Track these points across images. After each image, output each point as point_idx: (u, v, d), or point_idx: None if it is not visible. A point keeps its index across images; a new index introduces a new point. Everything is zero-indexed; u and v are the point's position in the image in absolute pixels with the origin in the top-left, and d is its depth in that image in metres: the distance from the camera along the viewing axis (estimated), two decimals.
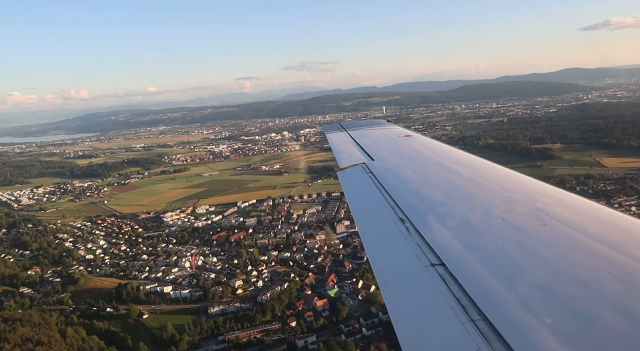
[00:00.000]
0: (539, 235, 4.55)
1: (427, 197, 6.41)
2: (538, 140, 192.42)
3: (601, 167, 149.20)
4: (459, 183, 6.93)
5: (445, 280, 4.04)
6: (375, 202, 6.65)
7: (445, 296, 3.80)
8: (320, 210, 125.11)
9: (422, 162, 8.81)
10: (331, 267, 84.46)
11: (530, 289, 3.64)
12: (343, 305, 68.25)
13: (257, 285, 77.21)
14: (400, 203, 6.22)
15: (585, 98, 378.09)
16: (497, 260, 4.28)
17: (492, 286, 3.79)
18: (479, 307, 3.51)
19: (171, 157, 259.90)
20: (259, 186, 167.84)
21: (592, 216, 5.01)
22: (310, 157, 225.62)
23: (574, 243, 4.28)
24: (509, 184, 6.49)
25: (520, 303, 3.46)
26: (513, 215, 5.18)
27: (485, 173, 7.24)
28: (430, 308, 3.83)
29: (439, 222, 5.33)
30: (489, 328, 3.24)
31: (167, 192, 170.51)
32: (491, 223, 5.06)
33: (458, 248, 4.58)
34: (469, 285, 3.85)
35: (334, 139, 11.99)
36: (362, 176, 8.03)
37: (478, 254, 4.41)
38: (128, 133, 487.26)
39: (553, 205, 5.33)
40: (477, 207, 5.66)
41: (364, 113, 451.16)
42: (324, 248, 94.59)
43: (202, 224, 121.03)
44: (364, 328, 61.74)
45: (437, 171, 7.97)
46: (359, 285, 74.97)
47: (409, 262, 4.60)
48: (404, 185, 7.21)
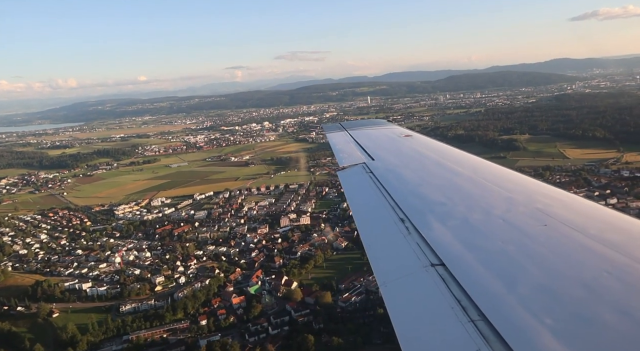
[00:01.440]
0: (539, 235, 4.55)
1: (427, 197, 6.42)
2: (507, 131, 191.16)
3: (563, 158, 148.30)
4: (459, 183, 6.92)
5: (445, 280, 4.03)
6: (375, 202, 6.63)
7: (445, 296, 3.80)
8: (273, 202, 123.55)
9: (422, 162, 8.84)
10: (262, 262, 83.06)
11: (530, 289, 3.65)
12: (259, 303, 66.75)
13: (179, 281, 75.71)
14: (400, 203, 6.20)
15: (568, 89, 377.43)
16: (497, 260, 4.28)
17: (492, 287, 3.79)
18: (479, 307, 3.51)
19: (145, 147, 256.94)
20: (222, 178, 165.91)
21: (592, 216, 5.01)
22: (282, 147, 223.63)
23: (574, 244, 4.29)
24: (509, 184, 6.51)
25: (520, 303, 3.46)
26: (513, 215, 5.18)
27: (485, 173, 7.23)
28: (430, 308, 3.85)
29: (439, 221, 5.33)
30: (488, 328, 3.25)
31: (129, 184, 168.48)
32: (491, 224, 5.07)
33: (458, 248, 4.57)
34: (469, 285, 3.84)
35: (335, 139, 11.79)
36: (362, 176, 8.04)
37: (478, 254, 4.40)
38: (112, 123, 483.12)
39: (553, 205, 5.33)
40: (477, 207, 5.63)
41: (349, 103, 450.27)
42: (261, 242, 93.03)
43: (152, 217, 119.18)
44: (271, 327, 60.28)
45: (437, 171, 7.98)
46: (282, 281, 73.56)
47: (408, 261, 4.58)
48: (404, 185, 7.24)
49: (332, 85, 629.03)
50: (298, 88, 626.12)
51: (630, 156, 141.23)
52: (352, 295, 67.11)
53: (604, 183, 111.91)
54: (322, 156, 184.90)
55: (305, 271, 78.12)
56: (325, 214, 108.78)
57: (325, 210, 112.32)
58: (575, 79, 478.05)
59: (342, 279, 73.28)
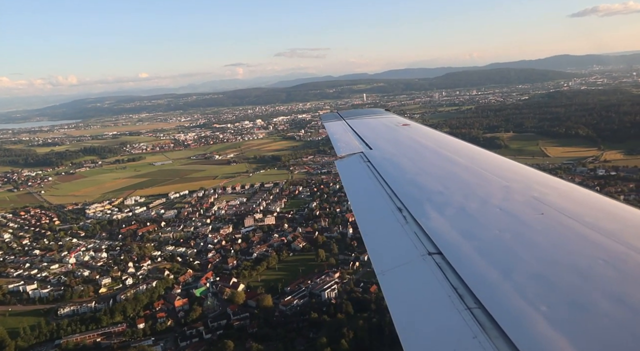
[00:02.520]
0: (536, 223, 4.57)
1: (424, 186, 6.40)
2: (493, 129, 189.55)
3: (544, 156, 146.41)
4: (457, 172, 6.88)
5: (442, 269, 4.07)
6: (372, 191, 6.61)
7: (442, 284, 3.83)
8: (245, 202, 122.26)
9: (419, 151, 8.79)
10: (217, 264, 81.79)
11: (526, 277, 3.68)
12: (200, 306, 65.49)
13: (127, 283, 74.41)
14: (397, 192, 6.20)
15: (565, 86, 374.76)
16: (493, 248, 4.30)
17: (488, 275, 3.82)
18: (476, 295, 3.54)
19: (134, 145, 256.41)
20: (201, 176, 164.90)
21: (589, 205, 5.02)
22: (268, 146, 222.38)
23: (570, 232, 4.32)
24: (506, 173, 6.49)
25: (516, 291, 3.49)
26: (510, 204, 5.19)
27: (483, 163, 7.20)
28: (427, 296, 3.86)
29: (437, 210, 5.34)
30: (485, 315, 3.29)
31: (109, 182, 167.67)
32: (488, 212, 5.06)
33: (455, 237, 4.60)
34: (465, 274, 3.87)
35: (332, 128, 11.71)
36: (360, 165, 7.99)
37: (475, 243, 4.43)
38: (109, 120, 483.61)
39: (550, 194, 5.32)
40: (475, 196, 5.64)
41: (344, 101, 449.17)
42: (221, 242, 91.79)
43: (122, 217, 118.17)
44: (205, 331, 59.02)
45: (434, 160, 7.96)
46: (230, 283, 72.27)
47: (406, 250, 4.60)
48: (402, 174, 7.20)
49: (330, 82, 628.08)
50: (295, 86, 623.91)
51: (609, 154, 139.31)
52: (295, 298, 65.73)
53: (577, 182, 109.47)
54: (305, 154, 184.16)
55: (257, 273, 76.78)
56: (291, 214, 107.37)
57: (294, 209, 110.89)
58: (573, 75, 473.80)
59: (292, 281, 71.94)
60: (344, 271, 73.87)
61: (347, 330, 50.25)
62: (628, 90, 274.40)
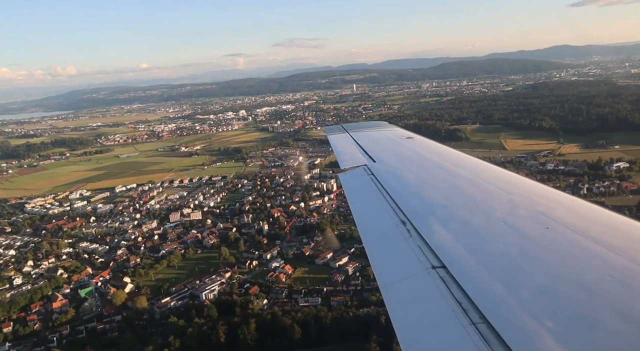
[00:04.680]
0: (541, 238, 4.55)
1: (428, 199, 6.41)
2: (461, 121, 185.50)
3: (501, 149, 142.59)
4: (461, 185, 6.86)
5: (446, 283, 4.04)
6: (376, 204, 6.60)
7: (447, 299, 3.81)
8: (185, 195, 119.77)
9: (423, 164, 8.74)
10: (122, 262, 79.30)
11: (532, 292, 3.64)
12: (75, 308, 63.02)
13: (14, 282, 72.01)
14: (401, 205, 6.21)
15: (556, 76, 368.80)
16: (498, 262, 4.29)
17: (493, 289, 3.78)
18: (480, 310, 3.52)
19: (108, 137, 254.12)
20: (157, 169, 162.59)
21: (594, 219, 4.98)
22: (239, 137, 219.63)
23: (576, 247, 4.30)
24: (510, 187, 6.47)
25: (522, 306, 3.46)
26: (515, 218, 5.16)
27: (486, 176, 7.18)
28: (431, 310, 3.85)
29: (441, 224, 5.30)
30: (490, 331, 3.27)
31: (66, 175, 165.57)
32: (492, 226, 5.05)
33: (459, 251, 4.58)
34: (470, 288, 3.84)
35: (336, 141, 11.65)
36: (364, 178, 7.97)
37: (479, 257, 4.41)
38: (99, 111, 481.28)
39: (555, 208, 5.31)
40: (479, 210, 5.61)
41: (335, 91, 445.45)
42: (137, 239, 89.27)
43: (58, 211, 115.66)
44: (66, 335, 56.47)
45: (438, 173, 7.90)
46: (121, 282, 69.78)
47: (410, 264, 4.60)
48: (406, 187, 7.23)
49: (323, 72, 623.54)
50: (289, 77, 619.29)
51: (568, 148, 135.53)
52: (173, 299, 63.12)
53: (522, 175, 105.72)
54: (268, 146, 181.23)
55: (155, 271, 74.17)
56: (221, 209, 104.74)
57: (226, 204, 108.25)
58: (568, 66, 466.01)
59: (184, 281, 69.36)
60: (238, 270, 71.21)
61: (173, 339, 47.30)
62: (614, 81, 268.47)
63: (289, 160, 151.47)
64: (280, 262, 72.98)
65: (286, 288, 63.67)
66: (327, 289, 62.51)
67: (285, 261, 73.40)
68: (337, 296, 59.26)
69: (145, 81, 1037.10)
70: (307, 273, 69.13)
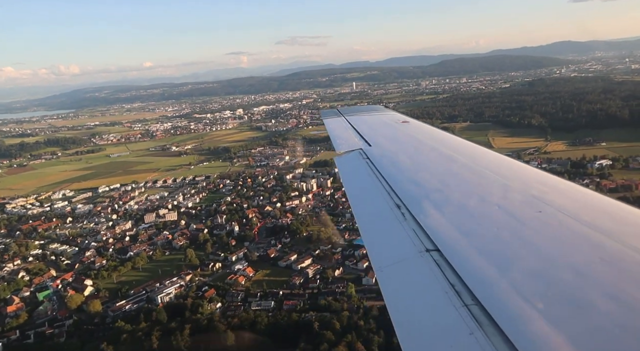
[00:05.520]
0: (534, 222, 4.59)
1: (423, 183, 6.40)
2: (452, 118, 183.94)
3: (489, 147, 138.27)
4: (456, 170, 6.86)
5: (439, 266, 4.08)
6: (371, 188, 6.59)
7: (440, 281, 3.84)
8: (165, 196, 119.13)
9: (419, 148, 8.72)
10: (89, 264, 78.43)
11: (524, 275, 3.68)
12: (29, 312, 62.19)
13: None
14: (396, 189, 6.20)
15: (556, 73, 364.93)
16: (491, 246, 4.32)
17: (486, 272, 3.82)
18: (473, 292, 3.57)
19: (103, 136, 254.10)
20: (144, 169, 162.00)
21: (587, 204, 5.06)
22: (231, 136, 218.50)
23: (568, 230, 4.34)
24: (505, 172, 6.47)
25: (514, 288, 3.51)
26: (509, 202, 5.20)
27: (482, 161, 7.18)
28: (424, 293, 3.89)
29: (435, 208, 5.33)
30: (482, 312, 3.31)
31: (53, 175, 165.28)
32: (486, 210, 5.08)
33: (453, 234, 4.62)
34: (463, 271, 3.88)
35: (331, 125, 11.51)
36: (359, 161, 7.94)
37: (473, 240, 4.45)
38: (100, 110, 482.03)
39: (549, 192, 5.32)
40: (473, 194, 5.64)
41: (334, 90, 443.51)
42: (109, 240, 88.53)
43: (37, 212, 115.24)
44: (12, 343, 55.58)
45: (433, 157, 7.91)
46: (82, 285, 69.00)
47: (404, 247, 4.63)
48: (401, 171, 7.18)
49: (323, 70, 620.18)
50: (289, 75, 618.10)
51: (555, 145, 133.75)
52: (129, 302, 62.21)
53: None
54: (257, 146, 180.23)
55: (118, 274, 73.29)
56: (198, 210, 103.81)
57: (204, 205, 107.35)
58: (571, 62, 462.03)
59: (144, 283, 68.48)
60: (201, 273, 70.24)
61: (106, 345, 46.32)
62: (612, 77, 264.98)
63: (275, 160, 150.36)
64: (244, 264, 71.85)
65: (243, 291, 62.54)
66: (284, 292, 61.33)
67: (250, 263, 72.26)
68: (291, 300, 58.07)
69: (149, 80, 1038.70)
70: (268, 276, 67.96)
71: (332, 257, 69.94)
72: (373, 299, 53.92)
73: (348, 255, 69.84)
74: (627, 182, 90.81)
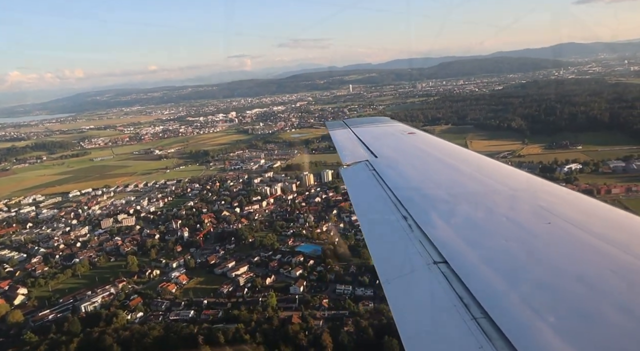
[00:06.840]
0: (543, 233, 4.54)
1: (430, 195, 6.39)
2: (434, 121, 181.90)
3: None
4: (463, 180, 6.89)
5: (447, 278, 4.04)
6: (378, 199, 6.55)
7: (448, 294, 3.80)
8: (131, 200, 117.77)
9: (425, 160, 8.82)
10: (30, 271, 76.95)
11: (533, 287, 3.66)
12: None
13: None
14: (403, 201, 6.18)
15: (554, 75, 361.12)
16: (500, 258, 4.28)
17: (494, 285, 3.80)
18: (482, 305, 3.52)
19: (92, 140, 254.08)
20: (121, 173, 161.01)
21: (596, 214, 4.98)
22: (215, 140, 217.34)
23: (578, 242, 4.29)
24: (512, 182, 6.47)
25: (523, 301, 3.48)
26: (516, 213, 5.17)
27: (489, 171, 7.18)
28: (432, 306, 3.87)
29: (442, 219, 5.28)
30: (491, 326, 3.27)
31: (31, 180, 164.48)
32: (494, 221, 5.04)
33: (461, 246, 4.58)
34: (471, 283, 3.84)
35: (338, 137, 11.42)
36: (365, 173, 7.95)
37: (481, 252, 4.41)
38: (99, 113, 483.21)
39: (557, 203, 5.28)
40: (481, 205, 5.60)
41: (330, 92, 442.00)
42: (59, 246, 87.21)
43: (1, 217, 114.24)
44: None
45: (440, 168, 7.96)
46: (15, 293, 67.69)
47: (411, 259, 4.59)
48: (407, 183, 7.22)
49: (322, 73, 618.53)
50: (287, 78, 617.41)
51: (531, 148, 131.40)
52: (53, 312, 60.70)
53: None
54: (237, 149, 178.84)
55: (57, 281, 71.89)
56: (157, 215, 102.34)
57: (165, 209, 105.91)
58: (572, 64, 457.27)
59: (76, 291, 67.02)
60: (136, 280, 68.65)
61: None
62: (606, 79, 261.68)
63: (250, 163, 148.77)
64: (182, 271, 70.21)
65: (170, 300, 60.83)
66: (209, 301, 59.56)
67: (188, 270, 70.68)
68: (212, 310, 56.29)
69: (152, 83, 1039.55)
70: (201, 284, 66.29)
71: (269, 264, 68.12)
72: (291, 309, 52.04)
73: (285, 262, 67.96)
74: (590, 186, 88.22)
